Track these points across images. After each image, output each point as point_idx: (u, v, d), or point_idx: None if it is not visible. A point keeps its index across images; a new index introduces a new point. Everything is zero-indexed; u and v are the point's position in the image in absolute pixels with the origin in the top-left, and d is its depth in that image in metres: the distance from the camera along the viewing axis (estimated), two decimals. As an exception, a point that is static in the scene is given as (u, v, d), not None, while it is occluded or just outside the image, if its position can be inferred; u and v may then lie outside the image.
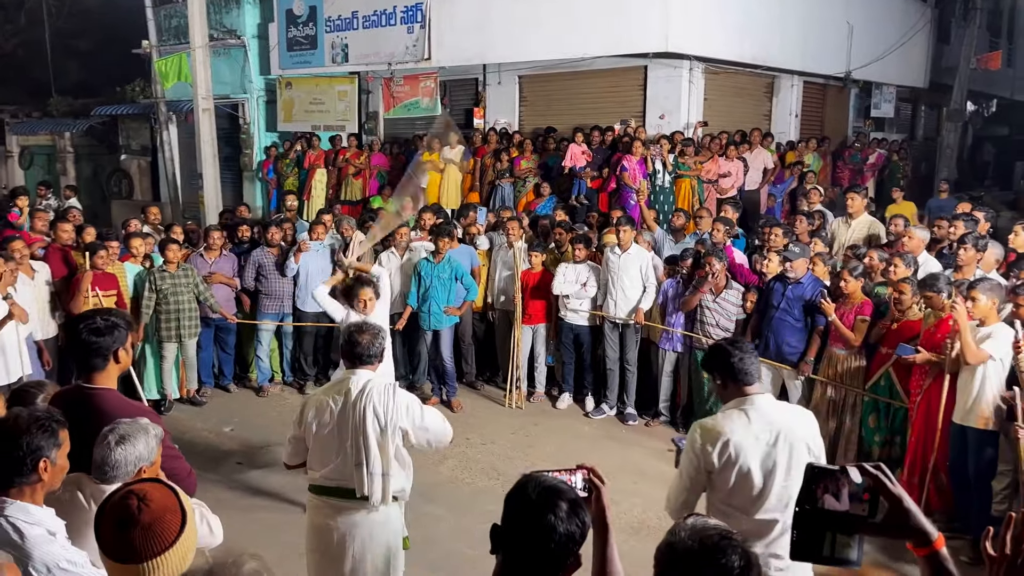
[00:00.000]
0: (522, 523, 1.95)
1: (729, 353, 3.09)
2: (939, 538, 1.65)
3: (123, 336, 3.22)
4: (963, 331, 5.04)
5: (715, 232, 7.59)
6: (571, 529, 1.93)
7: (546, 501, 1.95)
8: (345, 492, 3.59)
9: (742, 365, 3.07)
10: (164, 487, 2.10)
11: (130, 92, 18.58)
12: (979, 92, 19.35)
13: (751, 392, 3.09)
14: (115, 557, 2.00)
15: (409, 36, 12.76)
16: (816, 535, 1.68)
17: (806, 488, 1.71)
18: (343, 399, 3.59)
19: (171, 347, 7.74)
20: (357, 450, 3.53)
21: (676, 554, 1.72)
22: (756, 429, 3.03)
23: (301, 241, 8.20)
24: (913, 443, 5.65)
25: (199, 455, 6.57)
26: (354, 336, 3.66)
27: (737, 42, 11.64)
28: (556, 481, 2.03)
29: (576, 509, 1.97)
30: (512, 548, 1.96)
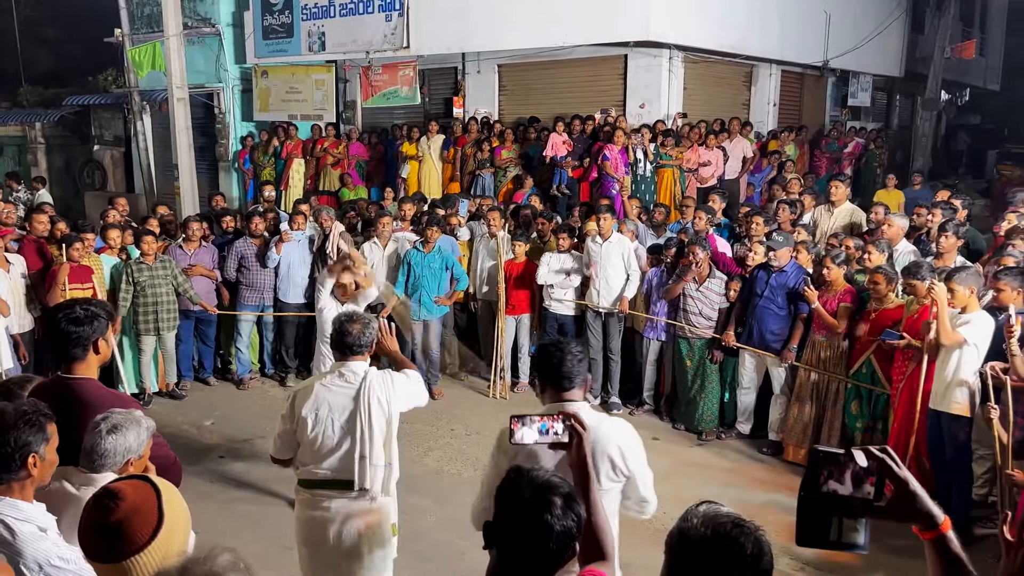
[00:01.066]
0: (517, 522, 1.92)
1: (550, 355, 2.84)
2: (945, 521, 1.64)
3: (103, 326, 3.17)
4: (941, 312, 5.10)
5: (697, 220, 7.61)
6: (567, 525, 1.92)
7: (540, 499, 1.92)
8: (343, 484, 3.56)
9: (562, 369, 2.82)
10: (146, 486, 2.04)
11: (102, 82, 18.27)
12: (953, 81, 19.56)
13: (568, 398, 2.82)
14: (91, 556, 1.97)
15: (387, 24, 12.65)
16: (822, 520, 1.67)
17: (810, 472, 1.69)
18: (344, 391, 3.56)
19: (149, 340, 7.63)
20: (362, 443, 3.51)
21: (689, 541, 1.70)
22: None
23: (284, 232, 8.11)
24: (895, 429, 5.71)
25: (180, 449, 6.41)
26: (345, 326, 3.62)
27: (716, 31, 11.67)
28: (548, 476, 2.00)
29: (570, 503, 1.95)
30: (508, 546, 1.94)
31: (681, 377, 7.22)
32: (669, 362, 7.40)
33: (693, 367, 7.07)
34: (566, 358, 2.82)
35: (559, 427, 2.26)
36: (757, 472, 6.44)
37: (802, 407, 6.43)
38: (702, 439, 7.01)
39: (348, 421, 3.53)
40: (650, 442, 6.98)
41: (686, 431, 7.17)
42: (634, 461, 2.82)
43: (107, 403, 3.10)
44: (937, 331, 5.16)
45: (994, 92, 22.99)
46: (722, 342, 6.86)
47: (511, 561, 1.94)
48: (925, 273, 5.55)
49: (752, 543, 1.67)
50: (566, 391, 2.82)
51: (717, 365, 7.01)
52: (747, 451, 6.84)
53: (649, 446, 7.12)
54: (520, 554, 1.92)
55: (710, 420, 7.04)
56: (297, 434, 3.61)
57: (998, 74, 22.69)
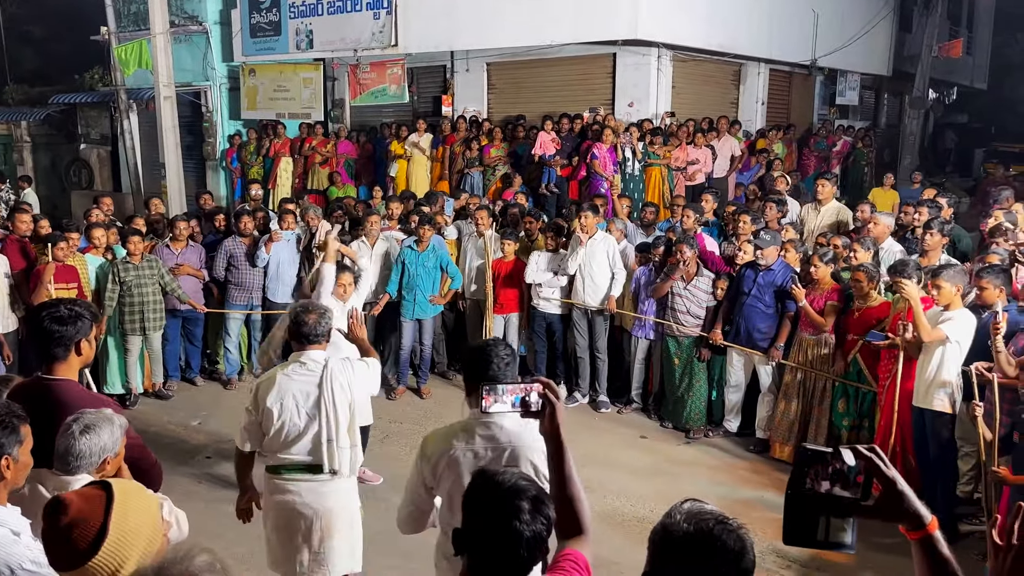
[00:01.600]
0: (486, 530, 1.91)
1: (476, 357, 2.82)
2: (932, 521, 1.64)
3: (87, 327, 3.14)
4: (915, 310, 5.12)
5: (685, 219, 7.62)
6: (537, 529, 1.90)
7: (508, 507, 1.89)
8: (312, 468, 3.70)
9: (488, 372, 2.77)
10: (99, 493, 2.00)
11: (88, 80, 18.15)
12: (940, 80, 19.65)
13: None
14: (53, 565, 1.98)
15: (375, 22, 12.61)
16: (809, 519, 1.66)
17: (797, 470, 1.68)
18: (306, 379, 3.70)
19: (135, 340, 7.58)
20: (328, 427, 3.66)
21: (672, 538, 1.70)
22: (479, 445, 2.79)
23: (274, 231, 8.07)
24: (881, 427, 5.73)
25: (166, 449, 6.45)
26: (300, 316, 3.76)
27: (705, 30, 11.69)
28: (514, 480, 1.97)
29: (539, 506, 1.93)
30: (478, 553, 1.93)
31: (669, 375, 7.22)
32: (657, 360, 7.40)
33: (681, 365, 7.08)
34: (492, 360, 2.79)
35: (533, 397, 2.20)
36: (744, 470, 6.46)
37: (789, 405, 6.45)
38: (690, 437, 7.02)
39: (313, 407, 3.67)
40: (638, 440, 7.00)
41: (674, 429, 7.18)
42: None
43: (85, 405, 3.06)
44: (915, 329, 5.18)
45: (981, 91, 23.12)
46: (709, 340, 6.87)
47: (482, 567, 1.93)
48: (911, 271, 5.57)
49: (735, 540, 1.66)
50: None
51: (705, 363, 7.02)
52: (734, 449, 6.85)
53: (637, 444, 7.18)
54: (491, 560, 1.91)
55: (698, 418, 7.05)
56: (263, 424, 3.72)
57: (985, 73, 22.81)
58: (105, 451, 2.62)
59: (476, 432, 2.81)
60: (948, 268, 5.36)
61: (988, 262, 5.81)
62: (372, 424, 5.90)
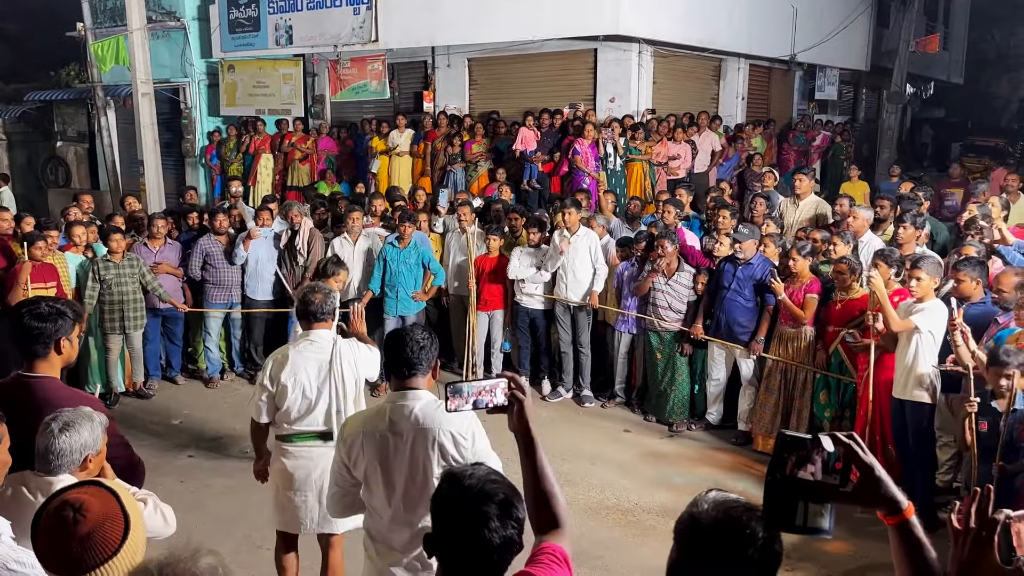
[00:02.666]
0: (455, 537, 1.91)
1: (392, 343, 2.95)
2: (909, 507, 1.66)
3: (68, 326, 3.11)
4: (882, 300, 5.18)
5: (666, 214, 7.65)
6: (507, 535, 1.90)
7: (476, 513, 1.89)
8: (323, 435, 4.00)
9: (402, 356, 2.92)
10: (104, 491, 1.99)
11: (65, 76, 17.91)
12: (917, 75, 19.84)
13: (411, 385, 2.95)
14: (55, 570, 1.91)
15: (355, 17, 12.55)
16: (788, 504, 1.68)
17: (776, 456, 1.71)
18: (317, 355, 3.96)
19: (116, 339, 7.52)
20: (337, 399, 3.96)
21: (700, 526, 1.70)
22: (396, 425, 2.93)
23: (251, 229, 8.02)
24: (861, 417, 5.80)
25: (148, 449, 6.40)
26: (307, 296, 4.03)
27: (685, 25, 11.73)
28: (482, 483, 1.94)
29: (509, 510, 1.92)
30: (449, 558, 1.93)
31: (652, 370, 7.26)
32: (640, 355, 7.44)
33: (663, 360, 7.12)
34: (407, 345, 2.92)
35: (499, 397, 2.18)
36: (726, 462, 6.50)
37: (770, 397, 6.51)
38: (673, 430, 7.06)
39: (323, 381, 3.96)
40: (622, 434, 7.04)
41: (657, 423, 7.22)
42: (469, 450, 2.92)
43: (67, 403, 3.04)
44: (884, 321, 5.24)
45: (958, 85, 23.34)
46: (691, 335, 6.91)
47: (454, 571, 1.93)
48: (894, 261, 5.64)
49: (763, 526, 1.68)
50: (408, 378, 2.96)
51: (687, 357, 7.06)
52: (717, 441, 6.90)
53: (621, 438, 7.22)
54: (462, 566, 1.91)
55: (680, 412, 7.10)
56: (277, 398, 3.98)
57: (961, 67, 23.04)
58: (86, 448, 2.60)
59: (388, 414, 2.95)
60: (927, 259, 5.42)
61: (964, 254, 5.89)
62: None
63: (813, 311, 6.24)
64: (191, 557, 1.69)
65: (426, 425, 2.88)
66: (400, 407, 2.94)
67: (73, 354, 3.26)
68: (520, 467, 2.18)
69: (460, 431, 2.91)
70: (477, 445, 2.95)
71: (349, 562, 4.13)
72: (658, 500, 5.70)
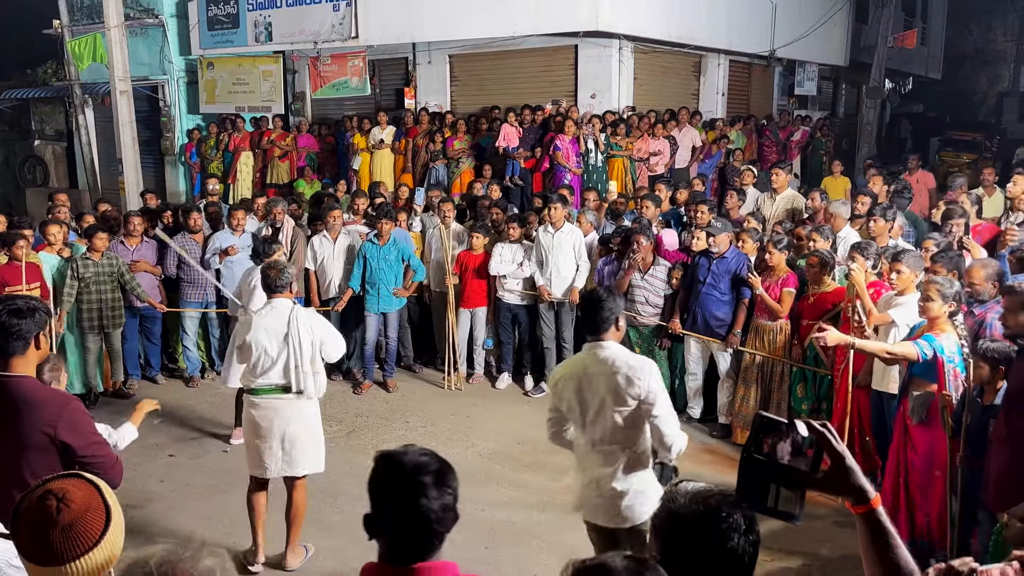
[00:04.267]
0: (395, 511, 1.96)
1: (587, 303, 3.67)
2: (876, 497, 1.70)
3: (43, 321, 3.11)
4: (862, 294, 5.22)
5: (645, 210, 7.68)
6: (445, 502, 1.96)
7: (412, 486, 1.95)
8: (284, 389, 4.69)
9: (595, 316, 3.60)
10: (86, 483, 1.99)
11: (42, 75, 17.73)
12: (896, 70, 19.99)
13: (601, 339, 3.63)
14: (35, 560, 1.90)
15: (335, 14, 12.50)
16: (761, 485, 1.71)
17: (754, 436, 1.73)
18: (277, 319, 4.67)
19: (94, 338, 7.47)
20: (295, 355, 4.63)
21: (680, 519, 1.73)
22: (590, 371, 3.61)
23: (230, 247, 7.90)
24: (838, 409, 5.84)
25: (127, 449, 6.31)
26: (266, 271, 4.84)
27: (665, 21, 11.77)
28: (415, 458, 2.01)
29: (442, 477, 1.98)
30: (391, 534, 1.97)
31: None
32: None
33: (642, 354, 7.12)
34: (599, 309, 3.60)
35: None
36: (707, 454, 6.54)
37: (748, 390, 6.55)
38: (654, 425, 7.08)
39: (283, 340, 4.64)
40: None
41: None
42: (651, 392, 3.52)
43: (47, 402, 3.03)
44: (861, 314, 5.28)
45: (936, 80, 23.54)
46: (668, 329, 6.93)
47: (396, 546, 1.98)
48: (871, 254, 5.69)
49: (742, 515, 1.72)
50: (601, 332, 3.62)
51: (665, 352, 7.09)
52: (697, 435, 6.92)
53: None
54: (403, 538, 1.97)
55: (661, 406, 7.12)
56: (242, 356, 4.74)
57: (939, 63, 23.24)
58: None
59: (584, 361, 3.65)
60: (908, 252, 5.46)
61: (926, 247, 5.94)
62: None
63: (790, 305, 6.29)
64: (192, 557, 1.68)
65: (611, 368, 3.53)
66: (594, 355, 3.61)
67: (47, 350, 3.26)
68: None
69: (636, 374, 3.51)
70: (651, 386, 3.52)
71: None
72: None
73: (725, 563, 1.70)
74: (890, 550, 1.68)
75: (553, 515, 5.55)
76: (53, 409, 3.03)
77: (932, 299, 4.59)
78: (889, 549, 1.68)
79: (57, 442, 3.00)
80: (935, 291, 4.59)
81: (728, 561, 1.69)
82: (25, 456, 3.00)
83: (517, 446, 6.63)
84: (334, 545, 5.03)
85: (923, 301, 4.67)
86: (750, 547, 1.71)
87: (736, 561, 1.70)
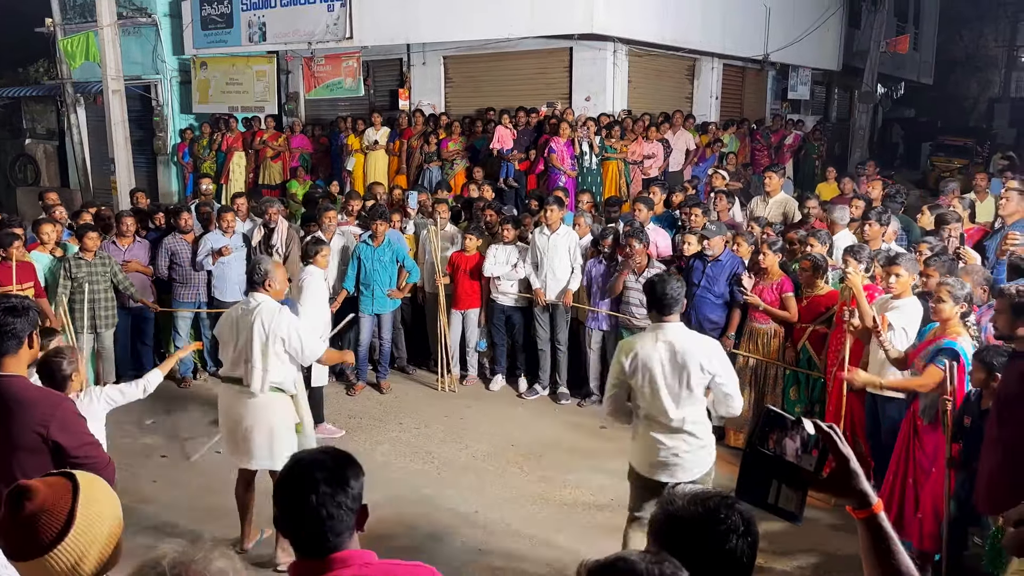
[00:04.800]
0: (291, 509, 2.00)
1: (654, 285, 4.06)
2: (878, 503, 1.69)
3: (35, 320, 3.10)
4: (858, 297, 5.22)
5: (637, 212, 7.69)
6: (339, 499, 1.99)
7: (303, 483, 1.99)
8: (238, 380, 4.79)
9: (662, 298, 4.01)
10: (64, 484, 1.96)
11: (33, 73, 17.67)
12: (888, 75, 20.11)
13: (667, 319, 4.02)
14: (8, 555, 1.91)
15: (330, 14, 12.49)
16: (763, 480, 1.70)
17: (760, 430, 1.72)
18: (245, 313, 4.80)
19: (87, 338, 7.41)
20: (247, 350, 4.71)
21: (679, 521, 1.73)
22: (660, 347, 4.00)
23: (224, 248, 7.88)
24: (831, 412, 5.86)
25: (119, 449, 6.29)
26: (249, 267, 5.20)
27: (659, 24, 11.81)
28: (314, 454, 2.06)
29: (337, 474, 2.02)
30: (293, 533, 2.01)
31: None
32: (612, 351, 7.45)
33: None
34: (665, 292, 3.99)
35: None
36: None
37: (741, 393, 6.54)
38: (648, 427, 7.09)
39: (242, 334, 4.77)
40: (598, 431, 7.06)
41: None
42: (717, 366, 4.00)
43: (39, 402, 3.01)
44: (860, 317, 5.29)
45: (927, 86, 23.68)
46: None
47: (298, 540, 2.02)
48: (864, 257, 5.70)
49: (739, 516, 1.72)
50: (667, 314, 4.03)
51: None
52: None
53: (597, 434, 7.21)
54: (304, 534, 2.01)
55: (655, 408, 7.12)
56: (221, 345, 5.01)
57: (931, 68, 23.37)
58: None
59: (655, 337, 4.05)
60: (905, 256, 5.47)
61: (920, 250, 5.96)
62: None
63: (795, 307, 6.26)
64: (204, 558, 1.66)
65: (683, 346, 3.99)
66: (663, 333, 4.04)
67: (37, 352, 3.24)
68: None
69: (706, 351, 4.01)
70: (721, 364, 4.02)
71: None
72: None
73: (723, 564, 1.69)
74: (891, 556, 1.67)
75: (547, 516, 5.54)
76: (45, 409, 3.01)
77: (944, 300, 4.60)
78: (890, 555, 1.67)
79: (49, 442, 2.98)
80: (946, 293, 4.60)
81: (726, 562, 1.69)
82: (17, 456, 2.98)
83: (511, 448, 6.62)
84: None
85: (935, 303, 4.68)
86: (748, 548, 1.71)
87: (735, 562, 1.70)
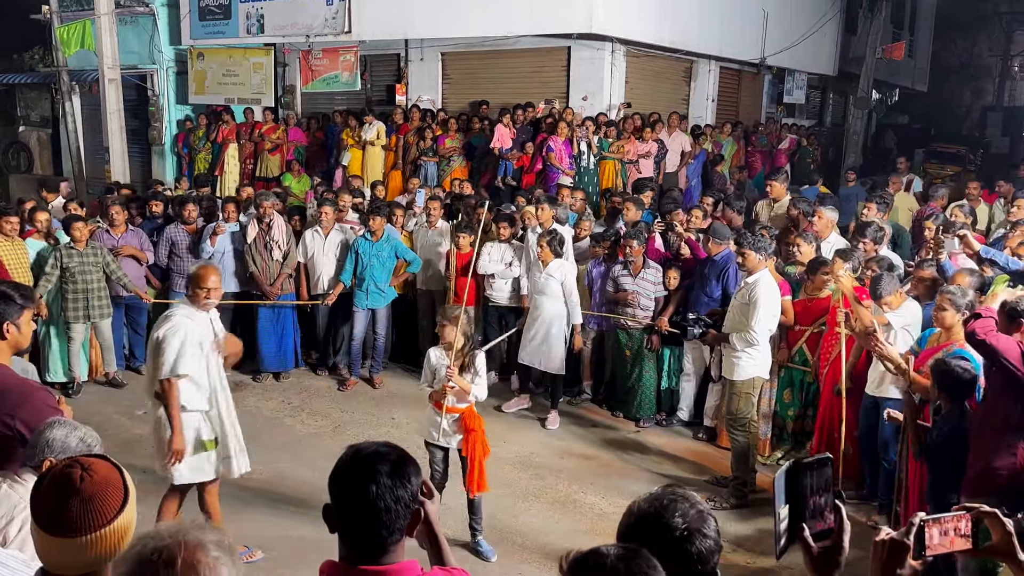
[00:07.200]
0: (349, 499, 1.92)
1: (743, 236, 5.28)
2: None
3: (14, 310, 3.04)
4: (850, 298, 5.22)
5: (626, 212, 7.72)
6: (399, 494, 1.91)
7: (365, 472, 1.91)
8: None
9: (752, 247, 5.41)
10: (109, 463, 1.98)
11: (28, 60, 17.54)
12: (883, 81, 20.17)
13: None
14: (50, 529, 1.86)
15: (328, 8, 12.46)
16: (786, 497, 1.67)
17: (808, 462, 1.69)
18: None
19: (79, 328, 7.40)
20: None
21: (637, 519, 1.80)
22: None
23: (217, 224, 7.89)
24: (822, 412, 5.90)
25: (111, 439, 6.28)
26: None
27: (658, 26, 11.83)
28: (376, 446, 1.98)
29: (399, 468, 1.94)
30: (347, 525, 1.94)
31: (620, 366, 7.31)
32: (610, 351, 7.48)
33: (632, 356, 7.17)
34: (759, 240, 5.23)
35: None
36: (691, 457, 6.59)
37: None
38: (640, 426, 7.12)
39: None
40: (591, 430, 7.09)
41: (625, 419, 7.27)
42: None
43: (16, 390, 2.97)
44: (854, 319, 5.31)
45: (921, 92, 23.77)
46: (656, 328, 6.93)
47: (352, 539, 1.95)
48: (855, 260, 5.72)
49: (692, 507, 1.76)
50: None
51: (654, 353, 7.11)
52: (683, 437, 6.98)
53: (589, 433, 7.21)
54: (358, 530, 1.93)
55: (648, 408, 7.16)
56: None
57: (926, 75, 23.47)
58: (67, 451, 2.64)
59: None
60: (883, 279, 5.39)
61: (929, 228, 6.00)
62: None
63: (791, 312, 6.25)
64: (201, 526, 1.68)
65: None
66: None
67: (22, 341, 3.17)
68: None
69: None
70: None
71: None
72: (624, 495, 5.75)
73: (680, 562, 1.73)
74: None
75: (537, 513, 5.57)
76: (14, 398, 2.94)
77: (945, 309, 4.64)
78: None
79: (15, 431, 2.90)
80: (947, 301, 4.64)
81: (683, 560, 1.73)
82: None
83: (503, 444, 6.63)
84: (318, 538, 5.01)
85: (937, 311, 4.72)
86: (704, 548, 1.74)
87: (691, 560, 1.74)
